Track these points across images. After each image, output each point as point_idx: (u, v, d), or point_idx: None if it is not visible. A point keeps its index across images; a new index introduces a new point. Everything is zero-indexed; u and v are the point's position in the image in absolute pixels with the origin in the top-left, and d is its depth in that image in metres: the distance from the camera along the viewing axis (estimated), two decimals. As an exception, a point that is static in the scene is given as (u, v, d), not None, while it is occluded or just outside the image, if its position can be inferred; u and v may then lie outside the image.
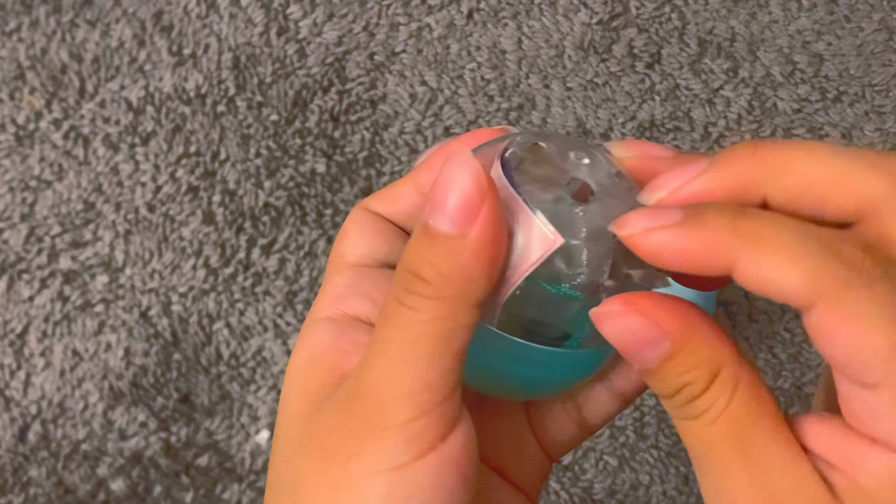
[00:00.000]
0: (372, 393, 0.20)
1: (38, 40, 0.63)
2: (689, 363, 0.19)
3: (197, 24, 0.63)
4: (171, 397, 0.59)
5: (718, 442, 0.19)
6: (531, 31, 0.64)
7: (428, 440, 0.20)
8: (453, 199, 0.19)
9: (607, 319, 0.20)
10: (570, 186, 0.21)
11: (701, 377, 0.19)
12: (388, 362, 0.20)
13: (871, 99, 0.65)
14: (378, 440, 0.20)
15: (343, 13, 0.64)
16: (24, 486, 0.58)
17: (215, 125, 0.62)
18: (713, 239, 0.19)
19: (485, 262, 0.19)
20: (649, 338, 0.19)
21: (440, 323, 0.20)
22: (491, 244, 0.19)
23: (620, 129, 0.63)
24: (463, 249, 0.19)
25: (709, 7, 0.65)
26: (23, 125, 0.62)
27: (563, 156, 0.22)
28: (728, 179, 0.20)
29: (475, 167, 0.19)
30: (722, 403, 0.19)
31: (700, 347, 0.19)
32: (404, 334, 0.20)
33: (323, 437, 0.21)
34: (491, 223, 0.19)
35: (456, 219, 0.19)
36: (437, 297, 0.20)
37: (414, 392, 0.20)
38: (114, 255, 0.60)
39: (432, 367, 0.20)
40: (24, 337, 0.59)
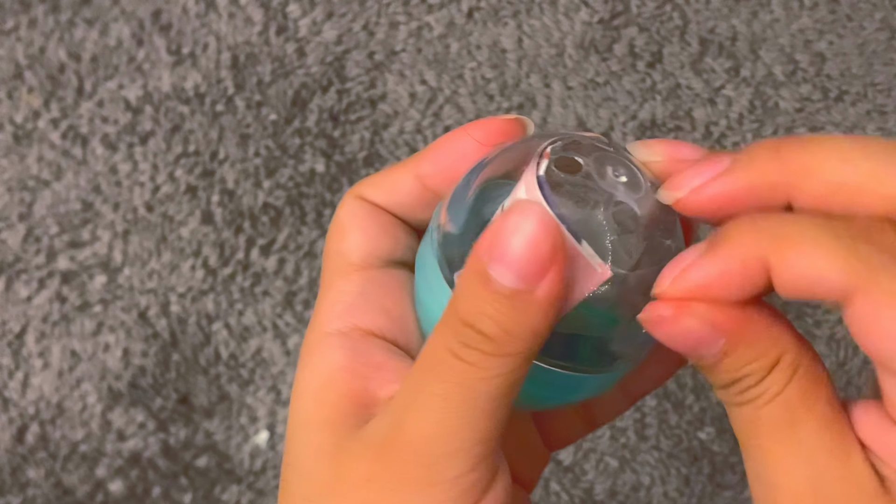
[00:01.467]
0: (421, 447, 0.19)
1: (36, 39, 0.63)
2: (748, 357, 0.18)
3: (196, 23, 0.63)
4: (170, 398, 0.59)
5: (767, 424, 0.18)
6: (531, 30, 0.64)
7: (476, 493, 0.19)
8: (521, 252, 0.18)
9: (659, 324, 0.19)
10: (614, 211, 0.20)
11: (761, 368, 0.18)
12: (443, 418, 0.19)
13: (873, 98, 0.64)
14: (425, 496, 0.19)
15: (342, 12, 0.64)
16: (22, 487, 0.58)
17: (214, 124, 0.62)
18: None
19: (553, 318, 0.19)
20: (704, 338, 0.18)
21: (503, 380, 0.19)
22: (561, 299, 0.18)
23: (621, 128, 0.63)
24: (531, 306, 0.18)
25: (710, 6, 0.65)
26: (21, 124, 0.61)
27: (602, 173, 0.21)
28: (751, 181, 0.19)
29: (546, 217, 0.18)
30: (777, 388, 0.18)
31: (759, 340, 0.19)
32: (466, 392, 0.19)
33: (357, 484, 0.20)
34: (563, 279, 0.18)
35: (524, 275, 0.18)
36: (502, 354, 0.19)
37: (470, 446, 0.19)
38: (112, 255, 0.60)
39: (490, 421, 0.19)
40: (22, 337, 0.59)
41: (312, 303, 0.60)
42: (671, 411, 0.60)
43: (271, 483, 0.59)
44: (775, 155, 0.19)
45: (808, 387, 0.18)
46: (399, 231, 0.24)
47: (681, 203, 0.20)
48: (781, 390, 0.18)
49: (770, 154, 0.19)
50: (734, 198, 0.19)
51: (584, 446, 0.60)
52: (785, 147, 0.19)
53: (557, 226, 0.18)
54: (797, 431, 0.18)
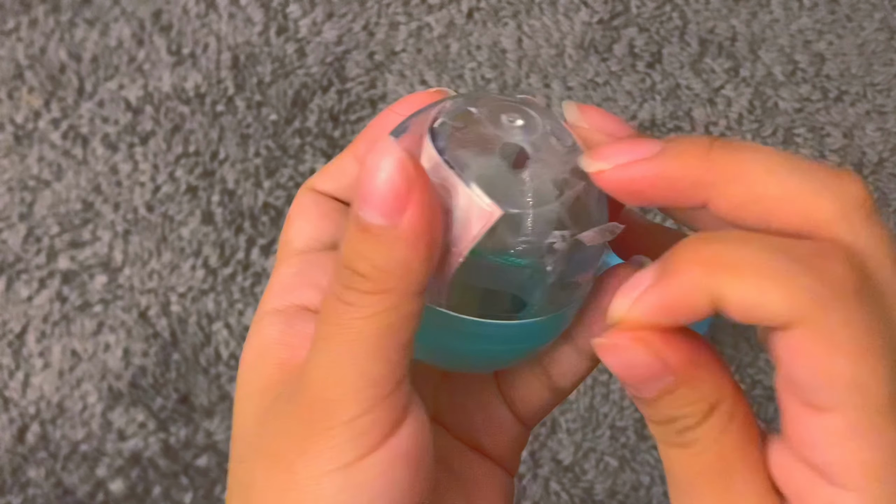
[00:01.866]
0: (316, 392, 0.20)
1: (36, 39, 0.63)
2: (690, 398, 0.19)
3: (196, 24, 0.63)
4: (170, 398, 0.59)
5: (703, 473, 0.19)
6: (531, 31, 0.64)
7: (375, 436, 0.19)
8: (380, 190, 0.18)
9: (610, 351, 0.19)
10: (503, 151, 0.20)
11: (699, 411, 0.19)
12: (331, 360, 0.20)
13: (873, 98, 0.65)
14: (324, 439, 0.19)
15: (343, 12, 0.64)
16: (22, 487, 0.58)
17: (214, 125, 0.62)
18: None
19: (422, 249, 0.19)
20: (654, 373, 0.18)
21: (382, 317, 0.19)
22: (426, 231, 0.19)
23: (621, 128, 0.63)
24: (397, 240, 0.19)
25: (710, 6, 0.65)
26: (21, 125, 0.61)
27: (496, 119, 0.21)
28: (675, 173, 0.19)
29: (398, 153, 0.18)
30: (713, 437, 0.19)
31: (703, 383, 0.19)
32: (346, 332, 0.19)
33: (271, 438, 0.21)
34: (422, 210, 0.18)
35: (385, 210, 0.18)
36: (377, 291, 0.19)
37: (359, 388, 0.19)
38: (112, 255, 0.60)
39: (377, 362, 0.19)
40: (22, 337, 0.59)
41: (312, 303, 0.60)
42: (671, 411, 0.60)
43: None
44: (705, 153, 0.19)
45: (741, 437, 0.19)
46: (343, 216, 0.24)
47: (602, 176, 0.20)
48: (718, 438, 0.19)
49: (700, 151, 0.19)
50: (654, 185, 0.19)
51: (584, 446, 0.60)
52: (716, 148, 0.19)
53: (407, 159, 0.18)
54: (731, 482, 0.19)
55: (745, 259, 0.18)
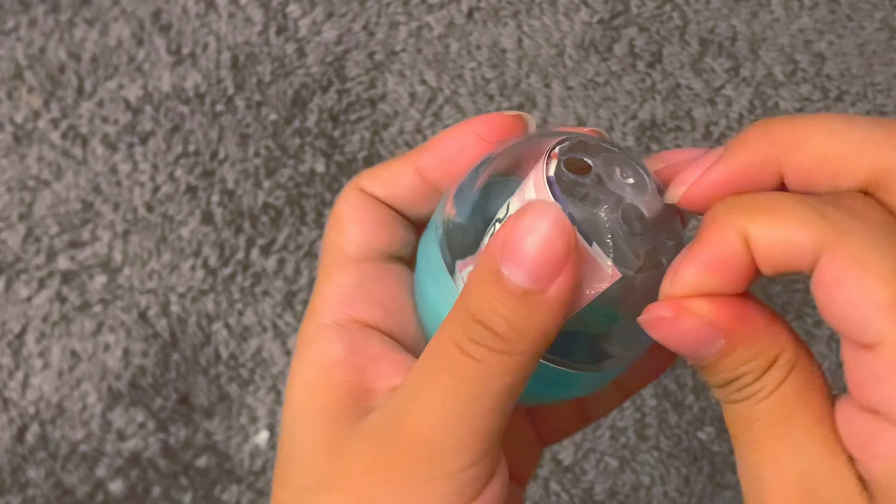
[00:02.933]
0: (423, 441, 0.19)
1: (36, 39, 0.63)
2: (747, 356, 0.18)
3: (195, 23, 0.63)
4: (170, 398, 0.59)
5: (762, 420, 0.18)
6: (531, 30, 0.64)
7: (476, 488, 0.19)
8: (535, 252, 0.18)
9: (659, 325, 0.19)
10: (624, 213, 0.20)
11: (759, 367, 0.18)
12: (447, 412, 0.19)
13: (873, 98, 0.64)
14: (426, 489, 0.19)
15: (342, 12, 0.64)
16: (22, 487, 0.58)
17: (214, 124, 0.62)
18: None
19: (562, 318, 0.19)
20: (704, 338, 0.18)
21: (510, 378, 0.19)
22: (572, 300, 0.19)
23: (621, 128, 0.63)
24: (542, 306, 0.18)
25: (710, 6, 0.65)
26: (21, 124, 0.61)
27: (610, 174, 0.21)
28: (743, 161, 0.19)
29: (560, 218, 0.18)
30: (773, 384, 0.18)
31: (757, 339, 0.18)
32: (469, 387, 0.19)
33: (355, 476, 0.20)
34: (574, 280, 0.18)
35: (537, 275, 0.18)
36: (510, 352, 0.19)
37: (470, 443, 0.19)
38: (112, 255, 0.60)
39: (496, 419, 0.19)
40: (22, 337, 0.59)
41: (312, 303, 0.60)
42: (671, 411, 0.60)
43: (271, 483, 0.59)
44: (764, 132, 0.19)
45: (803, 384, 0.18)
46: (397, 225, 0.24)
47: (684, 199, 0.20)
48: (778, 386, 0.18)
49: (759, 131, 0.19)
50: (729, 181, 0.19)
51: (584, 446, 0.60)
52: (773, 124, 0.19)
53: (570, 227, 0.18)
54: (791, 428, 0.18)
55: (770, 202, 0.18)
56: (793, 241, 0.17)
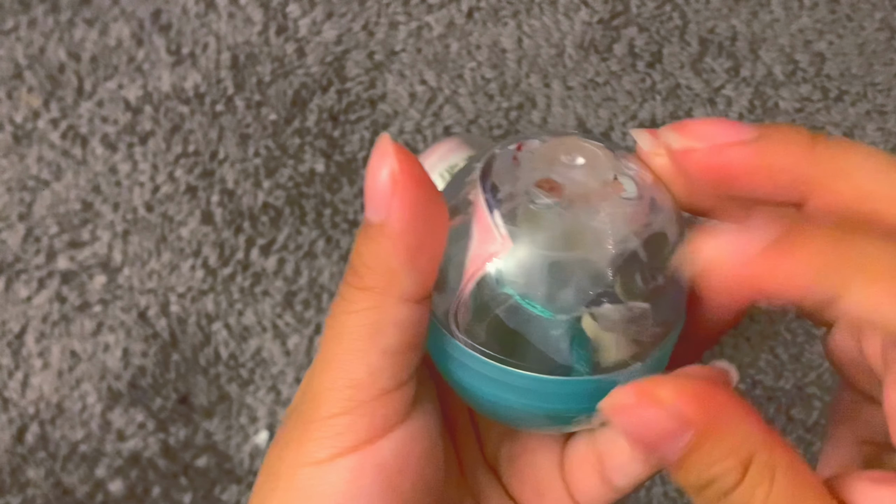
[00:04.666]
0: (309, 383, 0.20)
1: (35, 39, 0.63)
2: (718, 453, 0.17)
3: (195, 23, 0.63)
4: (170, 398, 0.59)
5: None
6: (531, 30, 0.64)
7: (349, 439, 0.19)
8: (374, 187, 0.18)
9: (619, 413, 0.17)
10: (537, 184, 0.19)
11: (733, 468, 0.17)
12: (323, 353, 0.20)
13: (873, 98, 0.64)
14: (304, 432, 0.19)
15: (342, 12, 0.64)
16: (21, 487, 0.58)
17: (214, 124, 0.62)
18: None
19: (403, 250, 0.18)
20: (669, 430, 0.17)
21: (363, 315, 0.19)
22: (409, 232, 0.18)
23: (621, 128, 0.63)
24: (380, 237, 0.18)
25: (710, 6, 0.65)
26: (20, 124, 0.61)
27: (554, 156, 0.20)
28: (777, 162, 0.18)
29: (388, 152, 0.18)
30: (761, 496, 0.17)
31: (729, 434, 0.17)
32: (335, 325, 0.19)
33: (284, 424, 0.21)
34: (404, 209, 0.18)
35: (375, 206, 0.18)
36: (363, 287, 0.19)
37: (338, 386, 0.19)
38: (112, 255, 0.60)
39: (358, 363, 0.19)
40: (21, 337, 0.59)
41: (312, 303, 0.60)
42: (671, 411, 0.60)
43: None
44: (809, 147, 0.18)
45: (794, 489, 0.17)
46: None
47: (693, 156, 0.18)
48: (767, 497, 0.17)
49: (804, 144, 0.18)
50: (752, 174, 0.18)
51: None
52: (821, 143, 0.18)
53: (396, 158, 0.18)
54: None
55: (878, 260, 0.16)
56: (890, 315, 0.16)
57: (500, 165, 0.20)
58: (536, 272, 0.18)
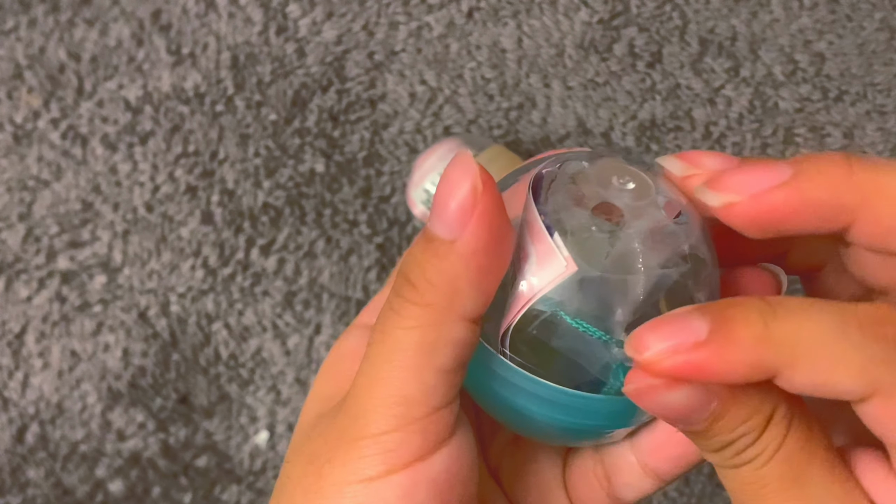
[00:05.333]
0: (354, 399, 0.19)
1: (35, 39, 0.63)
2: (742, 416, 0.17)
3: (195, 23, 0.63)
4: (170, 398, 0.59)
5: (772, 483, 0.17)
6: (531, 30, 0.64)
7: (402, 456, 0.19)
8: (443, 199, 0.18)
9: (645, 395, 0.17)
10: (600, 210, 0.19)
11: (756, 426, 0.17)
12: (371, 369, 0.19)
13: (873, 98, 0.64)
14: (351, 449, 0.19)
15: (342, 12, 0.64)
16: (22, 487, 0.58)
17: (214, 125, 0.62)
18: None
19: (473, 270, 0.18)
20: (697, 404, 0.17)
21: (421, 332, 0.18)
22: (481, 252, 0.18)
23: (621, 128, 0.63)
24: (450, 254, 0.18)
25: (710, 6, 0.65)
26: (21, 125, 0.61)
27: (605, 179, 0.20)
28: (817, 196, 0.17)
29: (472, 170, 0.18)
30: (775, 444, 0.17)
31: (751, 397, 0.17)
32: (388, 340, 0.19)
33: (313, 440, 0.20)
34: (482, 229, 0.18)
35: (448, 223, 0.18)
36: (423, 303, 0.18)
37: (390, 404, 0.19)
38: (112, 255, 0.60)
39: (412, 381, 0.19)
40: (21, 337, 0.59)
41: (312, 303, 0.60)
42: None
43: (271, 483, 0.59)
44: (847, 172, 0.17)
45: (805, 437, 0.18)
46: None
47: (735, 209, 0.18)
48: (780, 445, 0.17)
49: (842, 170, 0.18)
50: (795, 212, 0.18)
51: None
52: (857, 166, 0.18)
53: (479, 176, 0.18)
54: (805, 486, 0.17)
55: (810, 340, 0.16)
56: (836, 389, 0.16)
57: (552, 186, 0.20)
58: (594, 295, 0.19)
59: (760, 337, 0.16)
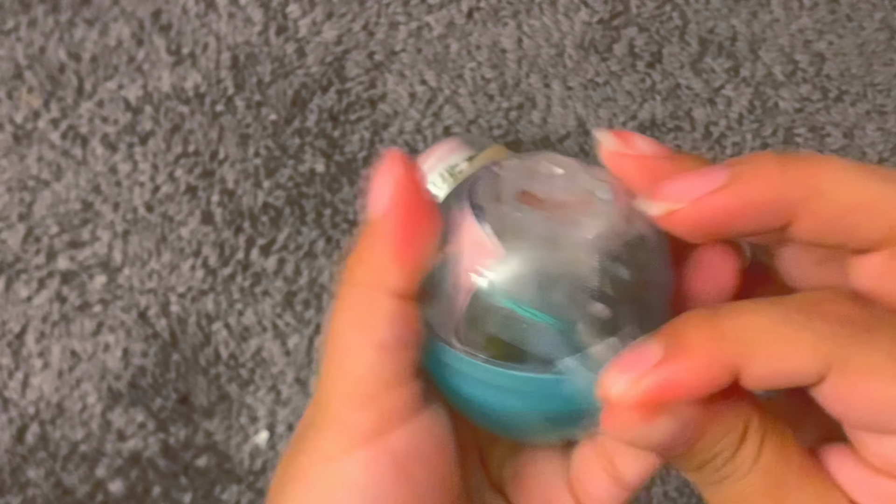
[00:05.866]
0: (320, 387, 0.21)
1: (36, 39, 0.63)
2: (718, 434, 0.18)
3: (195, 24, 0.63)
4: (170, 398, 0.59)
5: (753, 496, 0.18)
6: (531, 30, 0.64)
7: (361, 433, 0.20)
8: (372, 189, 0.20)
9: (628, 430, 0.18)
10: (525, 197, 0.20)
11: (732, 442, 0.18)
12: (326, 355, 0.20)
13: (873, 98, 0.64)
14: (317, 430, 0.20)
15: (342, 12, 0.64)
16: (22, 487, 0.58)
17: (214, 125, 0.62)
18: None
19: (393, 244, 0.19)
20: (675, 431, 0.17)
21: (357, 311, 0.20)
22: (400, 227, 0.19)
23: (621, 128, 0.63)
24: (374, 233, 0.19)
25: (710, 6, 0.65)
26: (21, 125, 0.61)
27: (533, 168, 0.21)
28: (755, 197, 0.18)
29: (393, 158, 0.19)
30: (752, 458, 0.18)
31: (726, 416, 0.18)
32: (334, 325, 0.20)
33: (297, 432, 0.22)
34: (399, 207, 0.19)
35: (372, 206, 0.19)
36: (355, 283, 0.20)
37: (343, 384, 0.20)
38: (112, 255, 0.60)
39: (356, 359, 0.20)
40: (22, 337, 0.59)
41: (312, 303, 0.60)
42: (671, 411, 0.60)
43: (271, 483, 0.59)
44: (782, 170, 0.18)
45: (780, 446, 0.18)
46: None
47: (676, 217, 0.18)
48: (757, 457, 0.18)
49: (776, 169, 0.18)
50: (736, 215, 0.18)
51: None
52: (791, 163, 0.18)
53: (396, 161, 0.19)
54: (784, 493, 0.18)
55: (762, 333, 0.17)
56: (795, 371, 0.17)
57: (483, 183, 0.21)
58: (528, 279, 0.19)
59: (711, 336, 0.17)
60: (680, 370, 0.17)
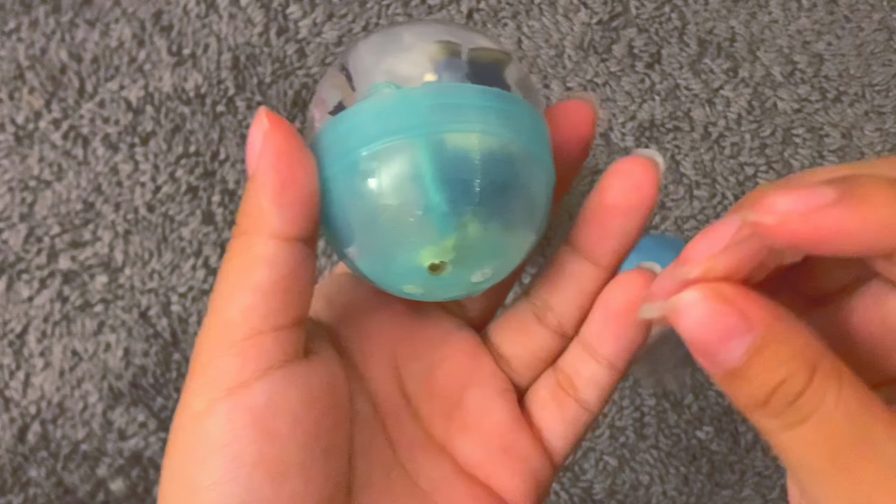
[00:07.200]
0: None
1: (37, 40, 0.63)
2: (784, 354, 0.16)
3: (196, 24, 0.63)
4: (171, 397, 0.59)
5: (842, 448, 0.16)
6: (531, 31, 0.64)
7: (222, 383, 0.19)
8: (248, 147, 0.20)
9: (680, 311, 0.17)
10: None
11: (800, 369, 0.16)
12: (209, 303, 0.20)
13: (872, 99, 0.65)
14: (186, 387, 0.20)
15: (343, 13, 0.64)
16: (23, 487, 0.58)
17: (215, 125, 0.62)
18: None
19: (270, 189, 0.20)
20: (733, 328, 0.16)
21: (238, 258, 0.20)
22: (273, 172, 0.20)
23: (620, 128, 0.63)
24: (253, 184, 0.20)
25: (709, 7, 0.65)
26: (22, 125, 0.61)
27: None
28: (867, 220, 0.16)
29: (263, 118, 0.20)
30: (832, 399, 0.16)
31: (794, 336, 0.16)
32: (217, 277, 0.20)
33: None
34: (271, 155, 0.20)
35: (249, 162, 0.20)
36: (238, 234, 0.20)
37: (213, 331, 0.20)
38: (113, 255, 0.60)
39: (230, 303, 0.20)
40: (23, 337, 0.59)
41: (313, 302, 0.60)
42: (670, 410, 0.60)
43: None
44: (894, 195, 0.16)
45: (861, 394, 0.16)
46: None
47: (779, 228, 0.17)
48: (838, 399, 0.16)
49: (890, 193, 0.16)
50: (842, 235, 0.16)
51: (583, 445, 0.60)
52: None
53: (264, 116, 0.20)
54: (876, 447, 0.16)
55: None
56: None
57: None
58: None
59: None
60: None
